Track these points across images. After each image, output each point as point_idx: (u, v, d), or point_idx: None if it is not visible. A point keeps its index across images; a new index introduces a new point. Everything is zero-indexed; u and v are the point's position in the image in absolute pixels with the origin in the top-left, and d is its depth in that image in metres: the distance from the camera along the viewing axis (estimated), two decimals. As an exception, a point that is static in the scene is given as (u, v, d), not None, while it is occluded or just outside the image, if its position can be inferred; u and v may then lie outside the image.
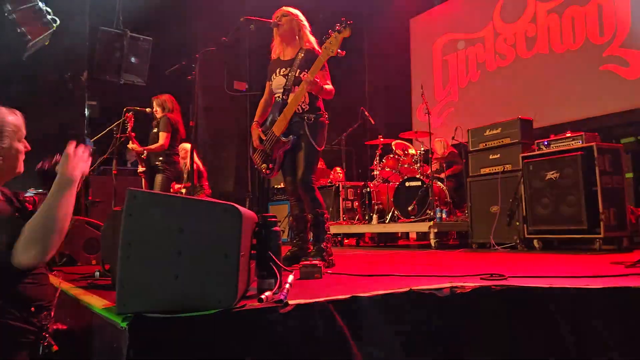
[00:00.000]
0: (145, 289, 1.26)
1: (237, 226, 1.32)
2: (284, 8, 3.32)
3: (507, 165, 4.81)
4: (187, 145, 6.72)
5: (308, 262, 2.28)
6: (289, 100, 3.17)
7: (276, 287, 1.56)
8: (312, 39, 3.28)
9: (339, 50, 2.96)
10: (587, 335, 1.62)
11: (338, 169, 7.74)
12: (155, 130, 5.29)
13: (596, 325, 1.61)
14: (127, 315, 1.22)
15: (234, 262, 1.31)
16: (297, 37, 3.27)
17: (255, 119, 3.41)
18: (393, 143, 6.81)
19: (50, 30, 7.07)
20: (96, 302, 1.53)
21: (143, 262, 1.27)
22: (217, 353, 1.24)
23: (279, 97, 3.26)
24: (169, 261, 1.28)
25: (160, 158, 5.16)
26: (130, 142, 5.22)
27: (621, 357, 1.57)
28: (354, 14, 9.00)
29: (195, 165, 6.47)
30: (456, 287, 1.71)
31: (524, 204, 4.49)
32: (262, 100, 3.45)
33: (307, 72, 3.06)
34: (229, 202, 1.35)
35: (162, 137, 5.11)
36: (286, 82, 3.21)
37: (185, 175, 6.33)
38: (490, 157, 5.00)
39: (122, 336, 1.17)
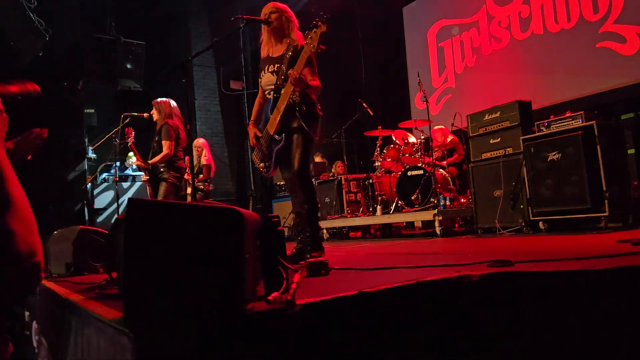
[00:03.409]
0: (151, 298, 1.26)
1: (240, 230, 1.31)
2: (273, 4, 3.30)
3: (508, 149, 4.80)
4: (201, 140, 6.75)
5: (314, 259, 2.28)
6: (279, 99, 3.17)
7: (283, 287, 1.55)
8: (298, 34, 3.28)
9: (319, 46, 2.95)
10: (597, 317, 1.62)
11: (339, 162, 7.74)
12: (156, 138, 5.27)
13: (605, 307, 1.61)
14: (134, 325, 1.21)
15: (238, 266, 1.30)
16: (285, 33, 3.26)
17: (252, 118, 3.42)
18: (393, 133, 6.80)
19: (43, 41, 7.07)
20: (103, 312, 1.53)
21: (147, 270, 1.27)
22: (227, 358, 1.24)
23: (270, 94, 3.26)
24: (173, 268, 1.28)
25: (164, 165, 5.14)
26: (135, 158, 5.20)
27: (632, 338, 1.57)
28: (346, 5, 8.97)
29: (205, 159, 6.52)
30: (464, 276, 1.70)
31: (527, 186, 4.48)
32: (257, 99, 3.46)
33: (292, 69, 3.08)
34: (229, 206, 1.35)
35: (166, 146, 5.09)
36: (276, 79, 3.20)
37: (195, 171, 6.34)
38: (491, 141, 4.98)
39: (131, 346, 1.17)
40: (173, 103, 5.32)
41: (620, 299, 1.64)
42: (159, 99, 5.31)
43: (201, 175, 6.43)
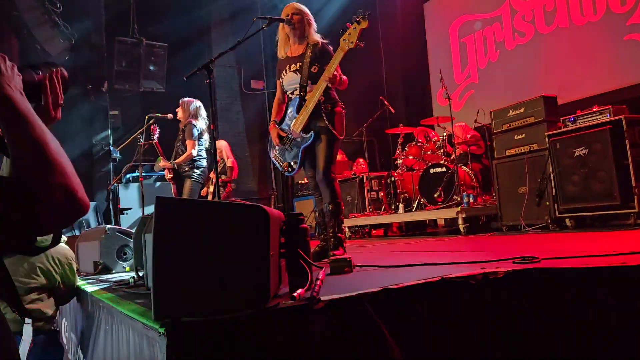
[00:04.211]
0: (180, 294, 1.28)
1: (265, 227, 1.33)
2: (295, 5, 3.34)
3: (533, 145, 4.72)
4: (223, 143, 6.84)
5: (337, 257, 2.28)
6: (306, 97, 3.19)
7: (307, 284, 1.56)
8: (318, 35, 3.34)
9: (358, 42, 2.98)
10: (628, 314, 1.58)
11: (361, 160, 7.72)
12: (180, 137, 5.35)
13: (636, 304, 1.58)
14: (164, 321, 1.24)
15: (264, 262, 1.32)
16: (305, 34, 3.31)
17: (272, 118, 3.46)
18: (414, 130, 6.75)
19: (69, 45, 7.24)
20: (132, 309, 1.57)
21: (176, 267, 1.29)
22: (254, 353, 1.26)
23: (293, 94, 3.29)
24: (200, 265, 1.30)
25: (188, 164, 5.22)
26: (161, 160, 5.30)
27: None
28: (367, 2, 8.93)
29: (230, 162, 6.60)
30: (489, 273, 1.69)
31: (553, 182, 4.41)
32: (276, 99, 3.51)
33: (317, 66, 3.12)
34: (255, 204, 1.36)
35: (190, 145, 5.17)
36: (301, 78, 3.23)
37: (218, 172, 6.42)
38: (515, 137, 4.91)
39: (161, 341, 1.20)
40: (198, 103, 5.39)
41: (651, 297, 1.61)
42: (186, 99, 5.39)
43: (224, 176, 6.50)
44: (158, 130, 5.35)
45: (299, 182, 8.93)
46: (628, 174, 3.90)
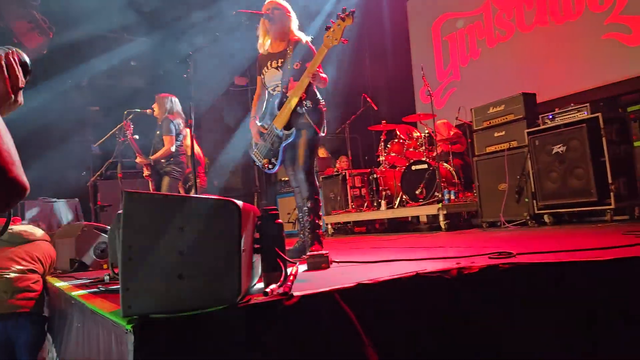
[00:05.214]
0: (149, 291, 1.26)
1: (236, 221, 1.31)
2: (276, 0, 3.32)
3: (512, 142, 4.77)
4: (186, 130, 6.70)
5: (315, 253, 2.27)
6: (288, 93, 3.18)
7: (281, 279, 1.55)
8: (300, 32, 3.32)
9: (342, 39, 2.97)
10: (599, 307, 1.60)
11: (343, 157, 7.72)
12: (157, 133, 5.29)
13: (607, 297, 1.59)
14: (132, 318, 1.22)
15: (235, 257, 1.30)
16: (286, 30, 3.28)
17: (252, 114, 3.44)
18: (397, 128, 6.77)
19: (47, 39, 7.10)
20: (103, 306, 1.54)
21: (145, 263, 1.27)
22: (225, 350, 1.24)
23: (275, 90, 3.27)
24: (171, 261, 1.27)
25: (164, 160, 5.16)
26: (137, 157, 5.22)
27: (631, 327, 1.55)
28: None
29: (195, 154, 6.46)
30: (463, 268, 1.69)
31: (532, 179, 4.45)
32: (256, 95, 3.49)
33: (299, 63, 3.11)
34: (227, 198, 1.34)
35: (167, 141, 5.12)
36: (282, 74, 3.22)
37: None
38: (495, 134, 4.95)
39: (129, 339, 1.17)
40: (174, 99, 5.35)
41: (623, 290, 1.63)
42: (162, 94, 5.34)
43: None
44: (132, 126, 5.28)
45: (282, 179, 8.91)
46: (605, 171, 3.95)
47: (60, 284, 2.54)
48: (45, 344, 2.82)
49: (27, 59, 1.18)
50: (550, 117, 4.45)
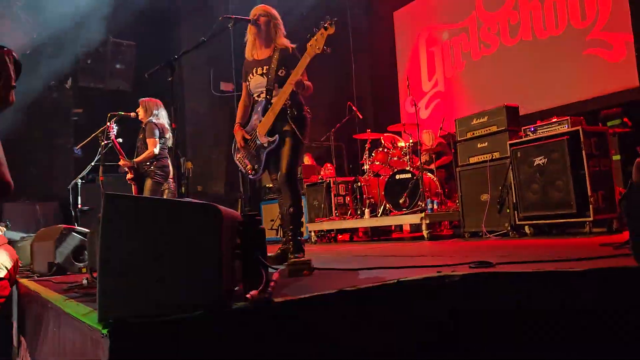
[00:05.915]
0: (127, 295, 1.24)
1: (217, 226, 1.30)
2: (263, 7, 3.33)
3: (495, 153, 4.82)
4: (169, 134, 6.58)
5: (297, 259, 2.27)
6: (272, 100, 3.18)
7: (262, 285, 1.55)
8: (286, 39, 3.32)
9: (325, 48, 2.98)
10: (574, 316, 1.62)
11: (328, 164, 7.73)
12: (141, 136, 5.26)
13: (581, 306, 1.62)
14: (108, 322, 1.20)
15: (215, 262, 1.29)
16: (272, 37, 3.29)
17: (237, 120, 3.44)
18: (382, 136, 6.81)
19: (31, 39, 7.01)
20: (79, 310, 1.51)
21: (123, 267, 1.25)
22: (203, 355, 1.23)
23: (260, 96, 3.28)
24: (150, 265, 1.26)
25: (148, 163, 5.13)
26: (120, 159, 5.16)
27: (604, 336, 1.58)
28: (338, 9, 8.99)
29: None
30: (445, 276, 1.70)
31: (513, 190, 4.50)
32: (241, 101, 3.49)
33: (284, 70, 3.13)
34: (208, 202, 1.34)
35: (151, 144, 5.09)
36: (267, 81, 3.22)
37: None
38: (479, 145, 5.00)
39: (105, 343, 1.15)
40: (159, 103, 5.33)
41: (596, 300, 1.65)
42: (146, 98, 5.32)
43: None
44: (115, 128, 5.23)
45: (267, 185, 8.88)
46: (584, 184, 4.02)
47: (36, 287, 2.49)
48: (21, 349, 2.76)
49: (18, 58, 1.18)
50: (532, 129, 4.51)
